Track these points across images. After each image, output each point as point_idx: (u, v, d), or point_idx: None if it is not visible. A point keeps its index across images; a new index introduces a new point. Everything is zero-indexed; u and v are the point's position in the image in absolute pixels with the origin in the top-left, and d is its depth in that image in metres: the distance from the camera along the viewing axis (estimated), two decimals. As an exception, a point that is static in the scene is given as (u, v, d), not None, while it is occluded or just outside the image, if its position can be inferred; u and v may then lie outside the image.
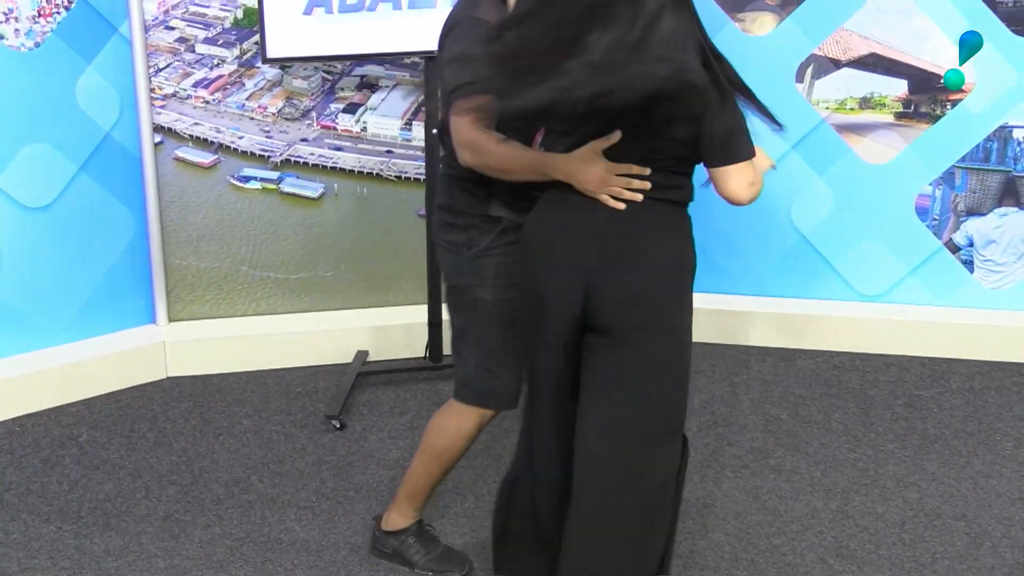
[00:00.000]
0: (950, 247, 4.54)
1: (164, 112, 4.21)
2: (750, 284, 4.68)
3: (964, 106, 4.39)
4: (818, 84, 4.46)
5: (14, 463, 3.66)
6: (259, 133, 4.32)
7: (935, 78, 4.39)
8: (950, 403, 4.11)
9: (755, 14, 4.42)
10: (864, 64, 4.43)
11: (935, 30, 4.34)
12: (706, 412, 4.02)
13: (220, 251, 4.38)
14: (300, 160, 4.37)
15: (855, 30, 4.38)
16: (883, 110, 4.46)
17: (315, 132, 4.36)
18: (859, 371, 4.35)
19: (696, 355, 4.42)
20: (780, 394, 4.17)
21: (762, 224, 4.60)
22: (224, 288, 4.42)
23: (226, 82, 4.25)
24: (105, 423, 3.93)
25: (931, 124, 4.44)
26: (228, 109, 4.28)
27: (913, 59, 4.40)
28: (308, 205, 4.42)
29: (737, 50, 4.38)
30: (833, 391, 4.19)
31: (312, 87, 4.32)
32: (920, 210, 4.52)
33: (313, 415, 4.00)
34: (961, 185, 4.48)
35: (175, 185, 4.28)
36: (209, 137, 4.28)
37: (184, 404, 4.07)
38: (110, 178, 4.17)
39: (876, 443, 3.82)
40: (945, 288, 4.57)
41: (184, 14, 4.15)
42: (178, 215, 4.31)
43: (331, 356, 4.36)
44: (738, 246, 4.65)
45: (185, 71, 4.20)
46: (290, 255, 4.44)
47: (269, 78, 4.28)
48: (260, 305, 4.47)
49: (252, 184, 4.36)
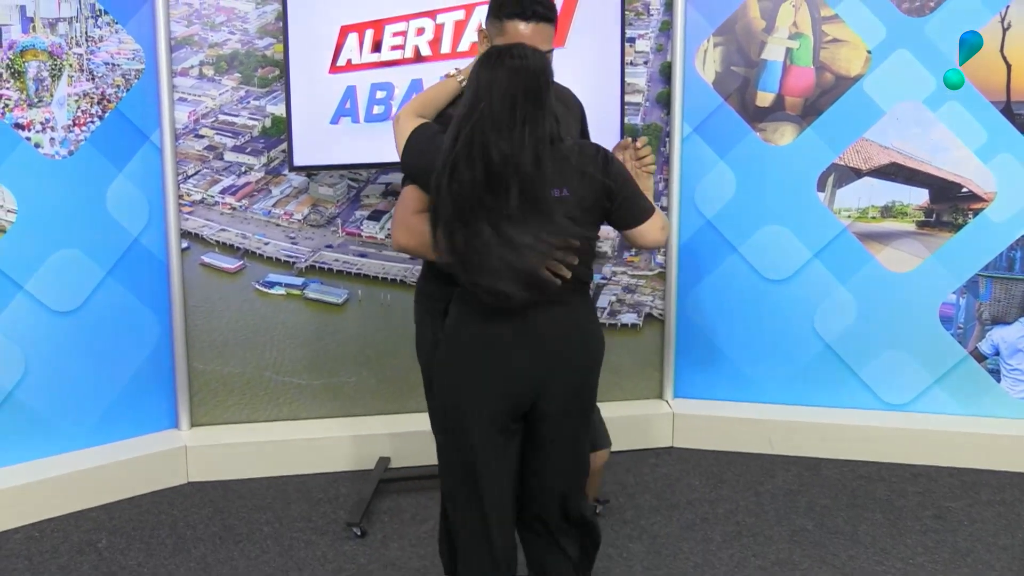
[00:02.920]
0: (976, 356, 4.52)
1: (191, 218, 4.27)
2: (774, 392, 4.65)
3: (986, 215, 4.40)
4: (839, 193, 4.49)
5: (32, 569, 3.63)
6: (285, 239, 4.37)
7: (956, 187, 4.42)
8: (981, 515, 4.03)
9: (776, 124, 4.48)
10: (885, 173, 4.46)
11: (955, 140, 4.38)
12: (731, 522, 3.96)
13: (244, 356, 4.40)
14: (325, 266, 4.41)
15: (875, 140, 4.43)
16: (905, 219, 4.48)
17: (340, 239, 4.41)
18: (886, 481, 4.29)
19: (720, 463, 4.41)
20: (806, 504, 4.11)
21: (786, 332, 4.59)
22: (247, 393, 4.42)
23: (253, 189, 4.32)
24: (125, 528, 3.90)
25: (953, 233, 4.45)
26: (254, 215, 4.33)
27: (933, 168, 4.43)
28: (332, 311, 4.45)
29: (758, 159, 4.49)
30: (860, 501, 4.13)
31: (338, 194, 4.38)
32: (944, 319, 4.51)
33: (334, 522, 3.96)
34: (985, 293, 4.47)
35: (200, 290, 4.32)
36: (235, 243, 4.33)
37: (205, 510, 4.05)
38: (137, 283, 4.21)
39: (905, 556, 3.75)
40: (972, 397, 4.53)
41: (214, 123, 4.24)
42: (203, 320, 4.34)
43: (353, 462, 4.34)
44: (762, 354, 4.63)
45: (213, 178, 4.27)
46: (313, 361, 4.45)
47: (295, 185, 4.34)
48: (283, 411, 4.47)
49: (277, 290, 4.39)
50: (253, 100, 4.26)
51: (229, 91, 4.24)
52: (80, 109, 4.00)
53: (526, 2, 2.88)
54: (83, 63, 3.99)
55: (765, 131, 4.48)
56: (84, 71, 3.99)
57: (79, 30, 3.97)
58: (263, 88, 4.26)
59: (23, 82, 3.88)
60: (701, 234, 4.58)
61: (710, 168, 4.52)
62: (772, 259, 4.55)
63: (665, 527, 3.91)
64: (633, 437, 4.53)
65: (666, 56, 4.47)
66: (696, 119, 4.50)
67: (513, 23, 2.87)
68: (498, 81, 2.60)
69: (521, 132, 2.57)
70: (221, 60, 4.21)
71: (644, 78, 4.47)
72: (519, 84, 2.59)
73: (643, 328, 4.65)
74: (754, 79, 4.46)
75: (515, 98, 2.58)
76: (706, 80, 4.48)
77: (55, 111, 3.95)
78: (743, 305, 4.61)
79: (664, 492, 4.19)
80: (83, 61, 3.99)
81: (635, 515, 3.99)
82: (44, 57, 3.91)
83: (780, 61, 4.44)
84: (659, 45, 4.46)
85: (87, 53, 3.99)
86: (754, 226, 4.54)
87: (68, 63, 3.96)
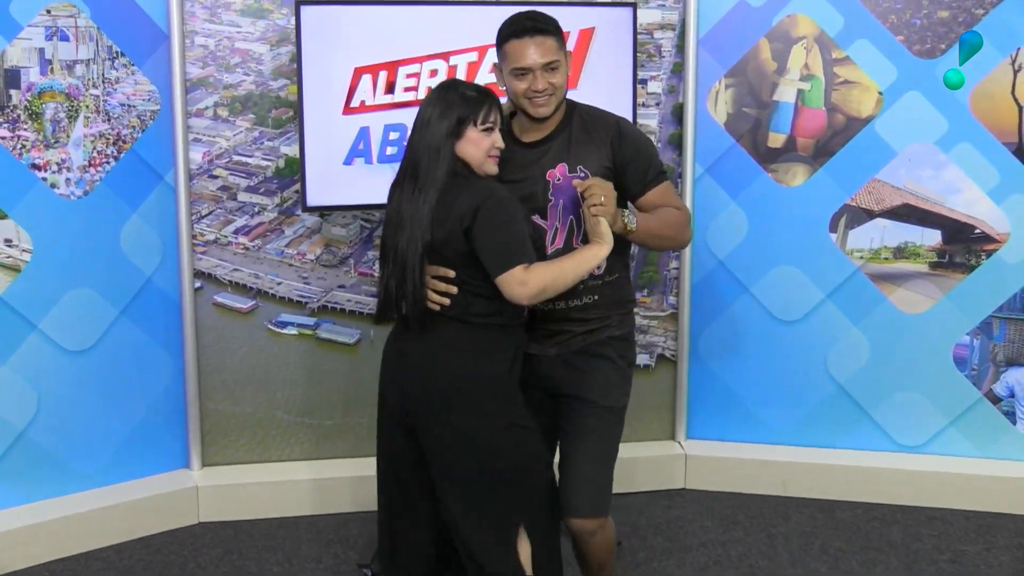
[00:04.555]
0: (990, 398, 4.49)
1: (205, 258, 4.28)
2: (787, 434, 4.63)
3: (999, 256, 4.39)
4: (852, 234, 4.49)
5: (41, 609, 3.63)
6: (297, 279, 4.38)
7: (969, 228, 4.41)
8: (998, 560, 3.99)
9: (788, 165, 4.49)
10: (897, 214, 4.46)
11: (967, 182, 4.38)
12: (744, 565, 3.93)
13: (256, 396, 4.40)
14: (337, 306, 4.42)
15: (887, 181, 4.43)
16: (918, 260, 4.48)
17: (352, 279, 4.42)
18: (900, 524, 4.26)
19: (732, 505, 4.38)
20: (820, 547, 4.07)
21: (798, 374, 4.58)
22: (259, 433, 4.42)
23: (266, 229, 4.34)
24: (135, 569, 3.89)
25: (967, 274, 4.44)
26: (267, 256, 4.35)
27: (946, 209, 4.43)
28: (344, 351, 4.45)
29: (770, 200, 4.50)
30: (874, 544, 4.10)
31: (350, 235, 4.40)
32: (958, 360, 4.49)
33: (345, 563, 3.94)
34: (999, 335, 4.45)
35: (213, 330, 4.33)
36: (248, 283, 4.35)
37: (215, 550, 4.03)
38: (150, 322, 4.23)
39: (920, 599, 3.72)
40: (987, 440, 4.50)
41: (228, 163, 4.27)
42: (215, 359, 4.35)
43: (364, 503, 4.32)
44: (775, 395, 4.61)
45: (227, 218, 4.29)
46: (325, 401, 4.45)
47: (308, 226, 4.36)
48: (294, 451, 4.46)
49: (289, 330, 4.40)
50: (267, 141, 4.29)
51: (243, 132, 4.27)
52: (96, 150, 4.03)
53: (517, 21, 2.96)
54: (99, 104, 4.03)
55: (777, 172, 4.49)
56: (100, 112, 4.03)
57: (96, 72, 4.01)
58: (277, 129, 4.29)
59: (40, 123, 3.92)
60: (713, 275, 4.58)
61: (722, 209, 4.53)
62: (784, 300, 4.54)
63: (678, 569, 3.88)
64: (645, 478, 4.51)
65: (678, 97, 4.49)
66: (708, 160, 4.51)
67: (510, 44, 2.95)
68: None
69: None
70: (235, 101, 4.24)
71: (656, 119, 4.49)
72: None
73: (655, 369, 4.64)
74: (766, 120, 4.47)
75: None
76: (718, 121, 4.50)
77: (71, 152, 3.98)
78: (755, 346, 4.60)
79: (676, 534, 4.16)
80: (99, 102, 4.03)
81: (647, 557, 3.96)
82: (61, 99, 3.95)
83: (792, 102, 4.45)
84: (671, 87, 4.49)
85: (103, 94, 4.03)
86: (766, 267, 4.54)
87: (85, 104, 4.00)
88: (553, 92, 2.96)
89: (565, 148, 3.02)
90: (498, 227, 2.77)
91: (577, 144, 3.02)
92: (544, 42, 2.93)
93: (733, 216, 4.53)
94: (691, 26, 4.40)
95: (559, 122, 3.05)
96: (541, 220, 3.01)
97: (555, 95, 2.97)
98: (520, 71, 2.95)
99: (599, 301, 3.07)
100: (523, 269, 2.75)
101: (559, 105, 3.02)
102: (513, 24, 2.97)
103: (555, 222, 3.01)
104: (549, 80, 2.94)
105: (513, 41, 2.95)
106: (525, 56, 2.92)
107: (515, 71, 2.95)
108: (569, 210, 3.00)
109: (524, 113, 3.02)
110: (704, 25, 4.43)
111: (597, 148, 3.01)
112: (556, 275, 2.79)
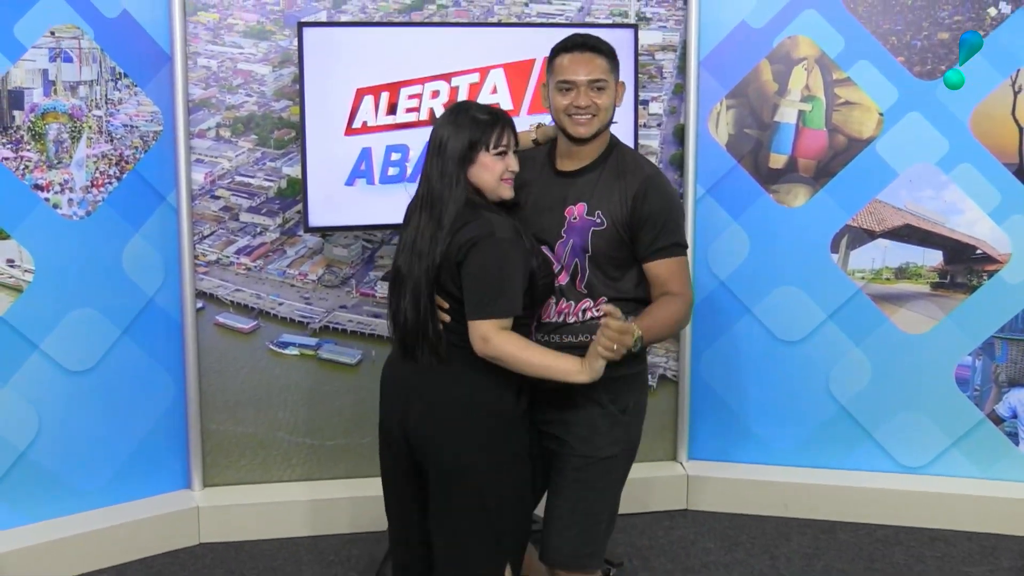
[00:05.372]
0: (993, 418, 4.48)
1: (207, 278, 4.29)
2: (789, 454, 4.62)
3: (1000, 277, 4.39)
4: (853, 254, 4.49)
5: (41, 630, 3.62)
6: (299, 300, 4.39)
7: (970, 249, 4.41)
8: (999, 580, 3.99)
9: (789, 186, 4.49)
10: (899, 235, 4.46)
11: (968, 202, 4.39)
12: (746, 586, 3.92)
13: (257, 416, 4.40)
14: (339, 327, 4.42)
15: (888, 201, 4.43)
16: (919, 280, 4.48)
17: (354, 299, 4.42)
18: (903, 545, 4.25)
19: (734, 526, 4.37)
20: (822, 568, 4.06)
21: (800, 394, 4.57)
22: (260, 454, 4.42)
23: (268, 249, 4.35)
24: (135, 590, 3.89)
25: (968, 294, 4.44)
26: (269, 276, 4.36)
27: (947, 230, 4.43)
28: (346, 371, 4.45)
29: (772, 221, 4.50)
30: (877, 566, 4.08)
31: (352, 255, 4.40)
32: (961, 380, 4.48)
33: (345, 584, 3.94)
34: (1002, 356, 4.45)
35: (215, 350, 4.33)
36: (249, 303, 4.35)
37: (216, 571, 4.02)
38: (151, 342, 4.23)
39: (923, 621, 3.70)
40: (989, 460, 4.49)
41: (230, 184, 4.28)
42: (217, 380, 4.34)
43: (366, 524, 4.31)
44: (776, 416, 4.61)
45: (229, 239, 4.30)
46: (327, 421, 4.45)
47: (310, 246, 4.37)
48: (296, 471, 4.45)
49: (290, 350, 4.40)
50: (269, 161, 4.31)
51: (245, 152, 4.28)
52: (98, 170, 4.05)
53: (571, 37, 2.96)
54: (102, 125, 4.04)
55: (778, 193, 4.50)
56: (103, 133, 4.04)
57: (99, 93, 4.03)
58: (279, 150, 4.30)
59: (43, 144, 3.93)
60: (715, 295, 4.58)
61: (723, 230, 4.53)
62: (786, 320, 4.54)
63: (679, 591, 3.88)
64: (647, 499, 4.50)
65: (679, 118, 4.50)
66: (709, 181, 4.52)
67: (560, 58, 2.95)
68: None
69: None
70: (238, 122, 4.26)
71: (658, 140, 4.50)
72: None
73: (657, 390, 4.63)
74: (767, 141, 4.48)
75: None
76: (719, 142, 4.51)
77: (74, 172, 3.99)
78: (757, 366, 4.59)
79: (678, 555, 4.15)
80: (102, 123, 4.04)
81: (649, 579, 3.96)
82: (64, 119, 3.97)
83: (793, 123, 4.46)
84: (672, 107, 4.50)
85: (106, 115, 4.04)
86: (768, 287, 4.54)
87: (88, 125, 4.01)
88: (596, 113, 2.91)
89: (591, 187, 2.94)
90: (485, 270, 2.71)
91: (604, 186, 2.93)
92: (593, 59, 2.91)
93: (734, 237, 4.53)
94: (692, 47, 4.41)
95: (596, 157, 2.98)
96: (550, 252, 2.94)
97: (597, 116, 2.91)
98: (565, 84, 2.91)
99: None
100: (494, 325, 2.70)
101: (600, 131, 2.95)
102: (567, 40, 2.96)
103: (561, 259, 2.94)
104: (594, 99, 2.90)
105: (563, 55, 2.93)
106: (572, 70, 2.90)
107: (560, 84, 2.92)
108: (576, 253, 2.92)
109: (564, 133, 2.96)
110: (705, 46, 4.44)
111: (620, 197, 2.91)
112: (520, 357, 2.71)
